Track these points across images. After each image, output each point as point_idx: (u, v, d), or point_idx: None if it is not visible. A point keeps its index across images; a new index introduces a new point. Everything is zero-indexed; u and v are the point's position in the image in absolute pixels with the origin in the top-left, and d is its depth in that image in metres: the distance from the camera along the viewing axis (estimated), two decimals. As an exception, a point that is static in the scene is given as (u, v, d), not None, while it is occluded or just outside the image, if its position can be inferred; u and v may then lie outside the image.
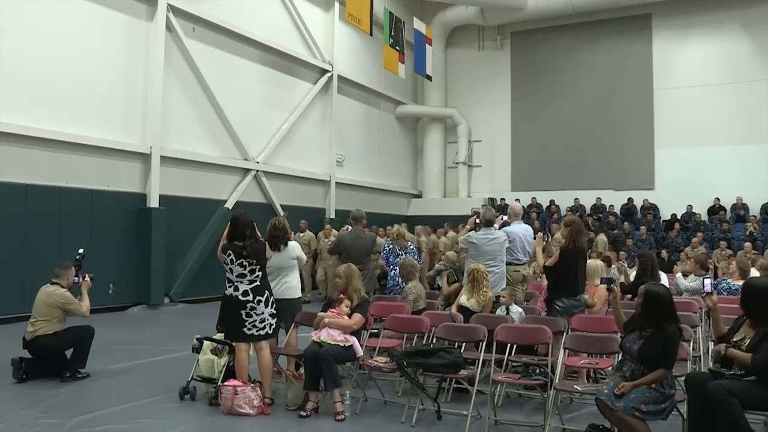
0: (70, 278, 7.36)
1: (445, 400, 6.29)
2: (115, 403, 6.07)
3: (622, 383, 4.73)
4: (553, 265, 6.82)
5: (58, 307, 7.09)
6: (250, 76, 16.63)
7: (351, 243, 8.28)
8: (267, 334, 6.11)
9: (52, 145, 11.73)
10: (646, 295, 4.92)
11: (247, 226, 6.15)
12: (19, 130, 11.12)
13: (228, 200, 15.66)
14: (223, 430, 5.55)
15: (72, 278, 7.38)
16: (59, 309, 7.11)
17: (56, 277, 7.31)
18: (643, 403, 4.60)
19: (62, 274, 7.33)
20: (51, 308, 7.07)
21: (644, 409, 4.59)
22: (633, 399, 4.60)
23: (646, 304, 4.90)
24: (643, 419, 4.59)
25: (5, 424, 5.41)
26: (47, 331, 7.02)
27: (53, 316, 7.07)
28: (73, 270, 7.42)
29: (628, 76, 22.18)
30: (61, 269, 7.39)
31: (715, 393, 4.48)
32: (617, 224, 20.41)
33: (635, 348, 4.84)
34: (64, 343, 7.15)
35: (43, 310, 7.07)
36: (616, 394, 4.65)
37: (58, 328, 7.11)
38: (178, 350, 8.46)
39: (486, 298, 7.26)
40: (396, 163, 23.97)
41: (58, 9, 11.91)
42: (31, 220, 11.33)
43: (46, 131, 11.57)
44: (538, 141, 23.45)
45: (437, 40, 23.71)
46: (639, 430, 4.58)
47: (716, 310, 5.18)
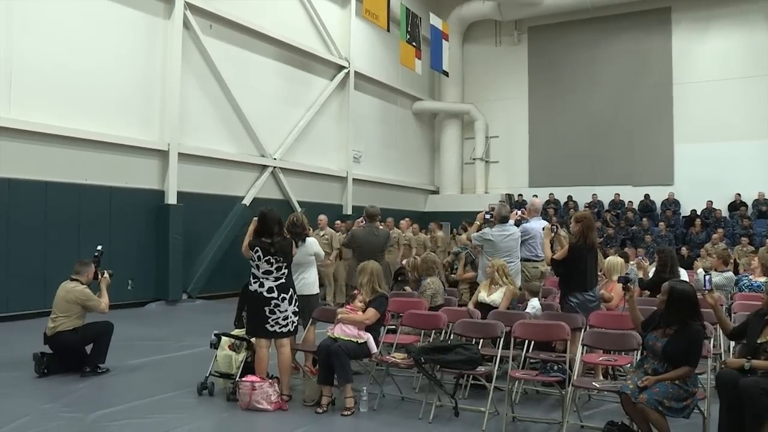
0: (89, 275, 7.42)
1: (463, 396, 6.28)
2: (134, 398, 6.11)
3: (645, 377, 4.69)
4: (560, 259, 6.77)
5: (77, 303, 7.15)
6: (267, 72, 16.67)
7: (365, 239, 8.26)
8: (289, 332, 6.12)
9: (71, 143, 11.83)
10: (670, 293, 4.87)
11: (275, 223, 6.15)
12: (38, 128, 11.23)
13: (245, 197, 15.72)
14: (240, 425, 5.57)
15: (91, 275, 7.43)
16: (78, 305, 7.16)
17: (76, 274, 7.37)
18: (666, 399, 4.57)
19: (82, 271, 7.38)
20: (70, 304, 7.12)
21: (666, 404, 4.56)
22: (657, 393, 4.57)
23: (671, 302, 4.85)
24: (664, 414, 4.55)
25: (28, 417, 5.48)
26: (67, 326, 7.07)
27: (73, 312, 7.12)
28: (92, 267, 7.46)
29: (646, 71, 21.94)
30: (80, 266, 7.45)
31: (752, 392, 4.41)
32: (635, 220, 20.24)
33: (659, 345, 4.80)
34: (84, 338, 7.22)
35: (62, 307, 7.12)
36: (640, 386, 4.62)
37: (78, 324, 7.17)
38: (196, 346, 8.52)
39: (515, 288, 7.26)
40: (413, 159, 23.93)
41: (76, 8, 12.00)
42: (51, 217, 11.44)
43: (66, 129, 11.67)
44: (556, 136, 23.29)
45: (454, 36, 23.60)
46: (659, 425, 4.55)
47: (718, 309, 5.14)
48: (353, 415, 5.73)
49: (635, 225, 19.91)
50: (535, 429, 5.55)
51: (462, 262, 8.59)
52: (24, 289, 10.92)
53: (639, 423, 4.71)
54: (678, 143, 21.41)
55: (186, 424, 5.41)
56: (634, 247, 15.83)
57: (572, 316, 6.41)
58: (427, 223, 18.21)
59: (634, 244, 17.42)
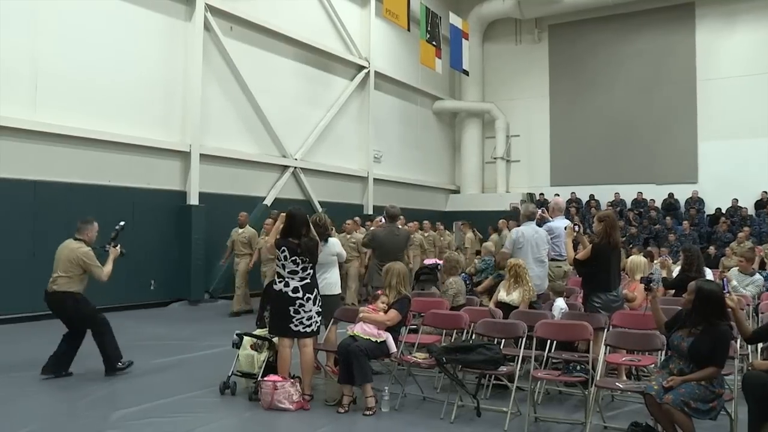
0: (91, 234, 7.22)
1: (485, 396, 6.25)
2: (157, 398, 6.15)
3: (671, 377, 4.63)
4: (583, 259, 6.70)
5: (79, 265, 6.94)
6: (288, 73, 16.73)
7: (385, 239, 8.24)
8: (312, 332, 6.13)
9: (94, 145, 11.96)
10: (698, 293, 4.81)
11: (303, 224, 6.16)
12: (62, 130, 11.38)
13: (266, 197, 15.79)
14: (262, 424, 5.58)
15: (93, 234, 7.24)
16: (80, 267, 6.95)
17: (78, 232, 7.16)
18: (692, 399, 4.50)
19: (84, 229, 7.17)
20: (72, 264, 6.93)
21: (692, 405, 4.49)
22: (683, 393, 4.51)
23: (698, 301, 4.79)
24: (689, 416, 4.49)
25: (53, 416, 5.55)
26: (66, 288, 6.91)
27: (74, 274, 6.94)
28: (95, 225, 7.29)
29: (670, 67, 21.71)
30: (83, 224, 7.22)
31: None
32: (659, 219, 20.02)
33: (684, 345, 4.74)
34: (79, 310, 7.01)
35: (65, 266, 6.94)
36: (665, 387, 4.56)
37: (78, 290, 6.99)
38: (218, 346, 8.56)
39: (531, 293, 7.20)
40: (433, 158, 23.89)
41: (98, 12, 12.13)
42: (75, 218, 11.49)
43: (89, 131, 11.80)
44: (577, 135, 23.14)
45: (474, 35, 23.54)
46: (685, 426, 4.48)
47: (737, 311, 5.05)
48: (375, 414, 5.72)
49: (658, 224, 19.71)
50: (557, 429, 5.51)
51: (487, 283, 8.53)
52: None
53: (664, 424, 4.64)
54: (702, 140, 21.16)
55: (208, 424, 5.44)
56: (658, 246, 15.67)
57: (595, 315, 6.35)
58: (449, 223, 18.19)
59: (657, 243, 17.24)
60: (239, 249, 12.39)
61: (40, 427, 5.25)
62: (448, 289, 8.00)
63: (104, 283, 7.23)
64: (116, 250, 7.29)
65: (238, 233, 12.41)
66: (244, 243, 12.32)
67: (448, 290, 7.98)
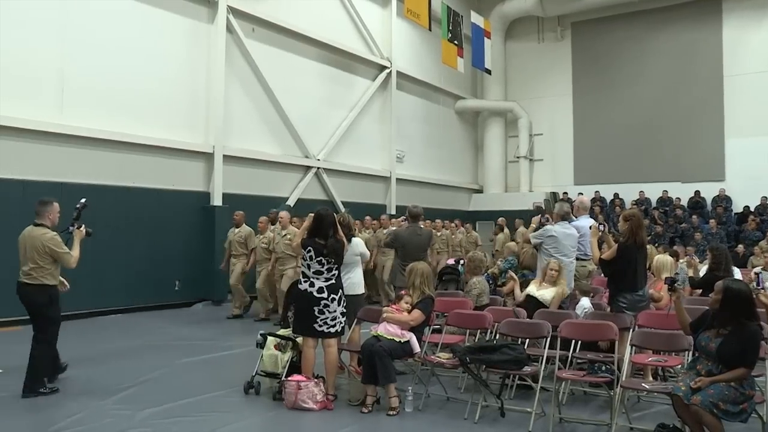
0: (53, 215, 6.55)
1: (509, 396, 6.22)
2: (181, 397, 6.20)
3: (699, 378, 4.57)
4: (609, 258, 6.63)
5: (47, 253, 6.30)
6: (310, 74, 16.78)
7: (407, 239, 8.23)
8: (337, 332, 6.14)
9: (119, 147, 12.09)
10: (725, 292, 4.73)
11: (330, 224, 6.19)
12: (87, 132, 11.52)
13: (290, 197, 15.85)
14: (286, 424, 5.61)
15: (55, 217, 6.57)
16: (49, 256, 6.32)
17: (38, 216, 6.46)
18: (721, 401, 4.42)
19: (43, 212, 6.46)
20: (41, 254, 6.28)
21: (722, 407, 4.41)
22: (712, 395, 4.43)
23: (726, 301, 4.71)
24: (719, 417, 4.41)
25: (82, 413, 5.63)
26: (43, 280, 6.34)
27: (46, 263, 6.31)
28: (56, 206, 6.59)
29: (695, 63, 21.43)
30: (41, 206, 6.50)
31: None
32: (684, 218, 19.77)
33: (713, 346, 4.66)
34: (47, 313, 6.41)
35: (32, 256, 6.29)
36: (693, 387, 4.49)
37: (51, 283, 6.41)
38: (242, 346, 8.62)
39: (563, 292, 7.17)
40: (456, 158, 23.83)
41: (123, 16, 12.27)
42: (100, 220, 11.65)
43: (114, 133, 11.93)
44: (601, 133, 22.94)
45: (496, 33, 23.44)
46: (714, 428, 4.40)
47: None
48: (398, 414, 5.72)
49: (684, 222, 19.46)
50: (582, 430, 5.46)
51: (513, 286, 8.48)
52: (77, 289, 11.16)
53: (692, 426, 4.57)
54: (729, 137, 20.86)
55: (232, 423, 5.48)
56: (684, 245, 15.48)
57: (620, 315, 6.29)
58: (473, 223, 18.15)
59: (683, 242, 17.03)
60: (236, 249, 11.85)
61: (66, 425, 5.33)
62: (471, 288, 7.97)
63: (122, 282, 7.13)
64: (81, 231, 6.64)
65: (234, 233, 11.90)
66: (240, 243, 11.80)
67: (471, 290, 7.95)
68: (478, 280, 8.06)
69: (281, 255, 10.96)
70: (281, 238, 10.95)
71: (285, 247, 10.83)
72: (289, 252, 10.76)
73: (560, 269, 7.38)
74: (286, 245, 10.79)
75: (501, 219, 16.97)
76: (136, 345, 8.93)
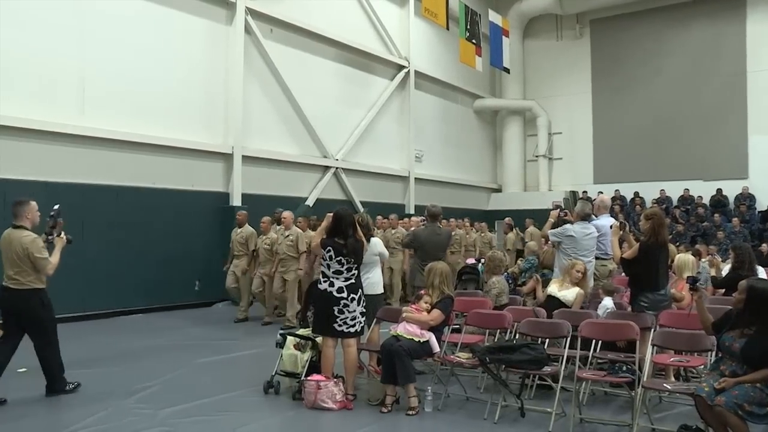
0: (32, 215, 6.22)
1: (529, 396, 6.18)
2: (202, 396, 6.24)
3: (723, 378, 4.50)
4: (631, 258, 6.56)
5: (27, 257, 5.97)
6: (328, 74, 16.82)
7: (426, 238, 8.21)
8: (356, 332, 6.15)
9: (139, 148, 12.19)
10: (750, 292, 4.65)
11: (350, 224, 6.20)
12: (107, 134, 11.63)
13: (308, 197, 15.89)
14: (306, 424, 5.62)
15: (35, 216, 6.25)
16: (28, 260, 5.99)
17: (16, 218, 6.15)
18: (746, 402, 4.33)
19: (21, 212, 6.14)
20: (22, 258, 5.97)
21: (747, 408, 4.32)
22: (736, 396, 4.35)
23: (750, 301, 4.63)
24: (744, 419, 4.34)
25: (104, 412, 5.69)
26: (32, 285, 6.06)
27: (29, 269, 6.01)
28: (33, 205, 6.25)
29: (718, 59, 21.19)
30: (18, 206, 6.18)
31: None
32: (706, 216, 19.55)
33: (737, 346, 4.59)
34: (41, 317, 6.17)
35: (13, 261, 6.00)
36: (717, 388, 4.42)
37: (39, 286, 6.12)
38: (262, 345, 8.64)
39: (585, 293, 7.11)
40: (475, 157, 23.77)
41: (141, 18, 12.38)
42: (121, 220, 11.80)
43: (134, 135, 12.03)
44: (621, 131, 22.75)
45: (514, 32, 23.34)
46: (739, 429, 4.33)
47: None
48: (418, 414, 5.71)
49: (706, 221, 19.24)
50: (603, 431, 5.42)
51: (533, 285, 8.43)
52: (93, 289, 11.31)
53: (716, 427, 4.50)
54: (752, 134, 20.61)
55: (252, 422, 5.50)
56: (706, 243, 15.31)
57: (641, 315, 6.23)
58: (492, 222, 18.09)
59: (705, 240, 16.84)
60: (237, 249, 11.44)
61: (91, 423, 5.38)
62: (491, 288, 7.94)
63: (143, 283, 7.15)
64: (62, 238, 6.32)
65: (237, 233, 11.51)
66: (242, 243, 11.38)
67: (491, 290, 7.92)
68: (498, 280, 8.03)
69: (284, 256, 10.59)
70: (284, 239, 10.63)
71: (288, 248, 10.53)
72: (291, 253, 10.49)
73: (585, 271, 7.33)
74: (289, 246, 10.51)
75: (508, 219, 16.92)
76: (157, 345, 9.00)
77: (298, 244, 10.49)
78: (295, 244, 10.51)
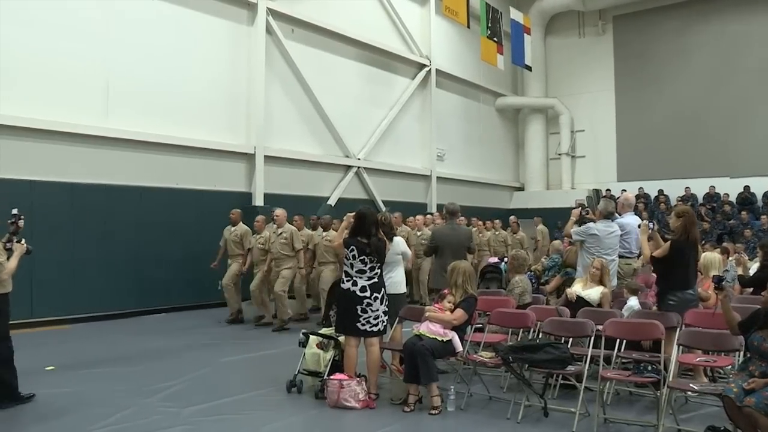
0: None
1: (552, 396, 6.15)
2: (225, 395, 6.28)
3: (752, 379, 4.43)
4: (661, 256, 6.48)
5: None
6: (349, 73, 16.84)
7: (447, 237, 8.17)
8: (379, 331, 6.15)
9: (162, 149, 12.31)
10: None
11: (373, 224, 6.21)
12: (131, 135, 11.76)
13: (330, 197, 15.93)
14: (328, 423, 5.63)
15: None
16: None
17: None
18: None
19: None
20: None
21: None
22: (767, 396, 4.29)
23: None
24: None
25: (131, 410, 5.75)
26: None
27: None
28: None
29: (744, 54, 20.83)
30: None
31: None
32: (733, 214, 19.27)
33: (766, 346, 4.52)
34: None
35: None
36: (746, 389, 4.36)
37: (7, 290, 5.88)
38: (285, 344, 8.68)
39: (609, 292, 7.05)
40: (497, 155, 23.67)
41: (164, 20, 12.50)
42: (144, 221, 11.92)
43: (157, 136, 12.15)
44: (645, 128, 22.50)
45: (536, 29, 23.21)
46: (768, 430, 4.27)
47: None
48: (440, 414, 5.70)
49: (733, 219, 18.97)
50: (628, 431, 5.36)
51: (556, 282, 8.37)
52: (119, 290, 11.45)
53: (745, 429, 4.42)
54: (781, 130, 20.23)
55: (275, 421, 5.52)
56: (732, 241, 15.10)
57: (667, 314, 6.15)
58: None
59: (732, 238, 16.60)
60: (231, 249, 11.06)
61: (117, 420, 5.44)
62: (514, 287, 7.90)
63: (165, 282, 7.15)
64: (22, 245, 6.01)
65: (231, 231, 11.11)
66: (236, 242, 11.00)
67: (514, 288, 7.88)
68: (521, 279, 7.98)
69: (277, 255, 10.32)
70: (277, 237, 10.31)
71: (281, 246, 10.25)
72: (285, 252, 10.24)
73: (602, 267, 7.26)
74: (282, 245, 10.25)
75: (513, 217, 16.79)
76: (180, 344, 9.06)
77: (293, 242, 10.27)
78: (289, 242, 10.25)
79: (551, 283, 8.77)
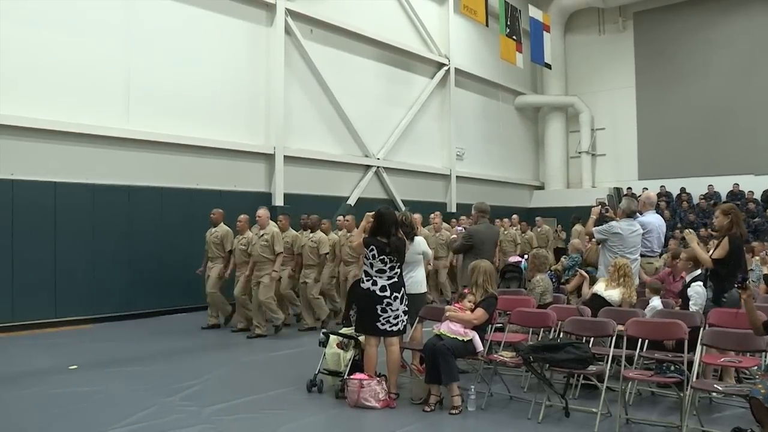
0: None
1: (573, 396, 6.10)
2: (246, 394, 6.30)
3: None
4: (722, 257, 6.37)
5: None
6: (368, 73, 16.86)
7: (484, 235, 8.16)
8: (399, 331, 6.14)
9: (182, 150, 12.40)
10: None
11: (392, 223, 6.20)
12: (152, 137, 11.86)
13: (350, 197, 15.95)
14: (349, 422, 5.62)
15: None
16: None
17: None
18: None
19: None
20: None
21: None
22: None
23: None
24: None
25: (152, 409, 5.79)
26: None
27: None
28: None
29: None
30: None
31: None
32: (758, 212, 19.01)
33: (793, 346, 4.44)
34: None
35: None
36: None
37: None
38: (305, 344, 8.71)
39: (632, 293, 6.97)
40: (517, 154, 23.56)
41: (184, 22, 12.59)
42: (166, 221, 12.01)
43: (178, 137, 12.24)
44: (666, 126, 22.27)
45: (555, 27, 23.07)
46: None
47: None
48: (461, 413, 5.68)
49: (758, 217, 18.71)
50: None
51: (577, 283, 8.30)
52: (143, 289, 11.54)
53: (771, 430, 4.37)
54: (807, 126, 19.92)
55: (296, 420, 5.53)
56: (758, 240, 14.89)
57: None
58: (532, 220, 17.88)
59: (757, 237, 16.38)
60: (212, 251, 10.33)
61: (139, 419, 5.48)
62: (534, 286, 7.85)
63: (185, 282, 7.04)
64: None
65: (212, 233, 10.42)
66: (217, 244, 10.28)
67: (534, 288, 7.83)
68: (542, 278, 7.93)
69: (257, 259, 9.57)
70: (258, 239, 9.58)
71: (262, 249, 9.50)
72: (266, 255, 9.49)
73: (619, 267, 7.14)
74: (263, 247, 9.52)
75: (515, 216, 16.69)
76: (200, 344, 9.12)
77: (274, 244, 9.51)
78: (270, 244, 9.52)
79: (571, 282, 8.70)
